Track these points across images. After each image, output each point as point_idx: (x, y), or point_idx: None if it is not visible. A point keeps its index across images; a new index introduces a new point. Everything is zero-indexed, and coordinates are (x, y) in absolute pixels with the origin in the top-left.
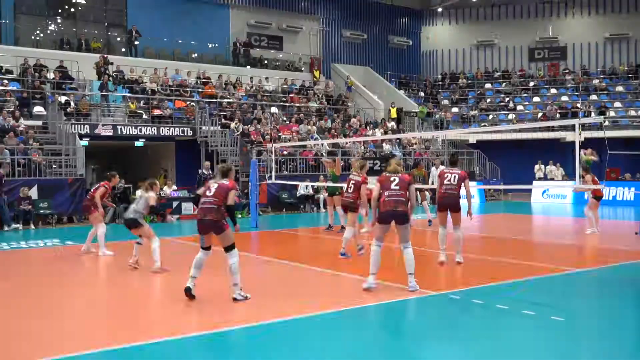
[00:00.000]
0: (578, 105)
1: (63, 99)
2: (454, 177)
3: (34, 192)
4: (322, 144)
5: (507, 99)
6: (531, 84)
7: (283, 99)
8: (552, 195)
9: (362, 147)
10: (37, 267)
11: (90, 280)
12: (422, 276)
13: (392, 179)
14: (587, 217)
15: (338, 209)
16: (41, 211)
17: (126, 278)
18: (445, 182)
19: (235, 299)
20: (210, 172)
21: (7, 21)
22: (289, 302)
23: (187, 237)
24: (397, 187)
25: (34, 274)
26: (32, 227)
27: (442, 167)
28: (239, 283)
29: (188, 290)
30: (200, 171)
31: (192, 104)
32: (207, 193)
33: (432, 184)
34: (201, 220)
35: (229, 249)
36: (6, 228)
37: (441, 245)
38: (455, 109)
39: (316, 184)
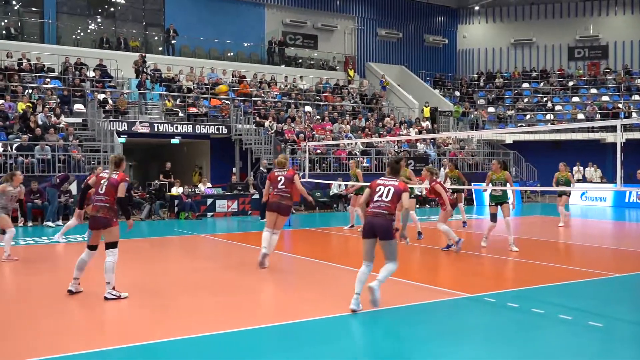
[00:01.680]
0: (619, 105)
1: (102, 96)
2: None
3: (73, 188)
4: (356, 143)
5: (545, 99)
6: (570, 83)
7: (317, 97)
8: (591, 197)
9: (396, 147)
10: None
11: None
12: (457, 278)
13: (279, 178)
14: None
15: (357, 209)
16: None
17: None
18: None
19: (106, 298)
20: (266, 171)
21: (50, 20)
22: (320, 300)
23: (222, 234)
24: (283, 186)
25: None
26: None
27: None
28: (112, 282)
29: (70, 292)
30: (260, 169)
31: (227, 102)
32: (99, 190)
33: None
34: (93, 216)
35: (110, 246)
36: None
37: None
38: (491, 109)
39: (349, 183)
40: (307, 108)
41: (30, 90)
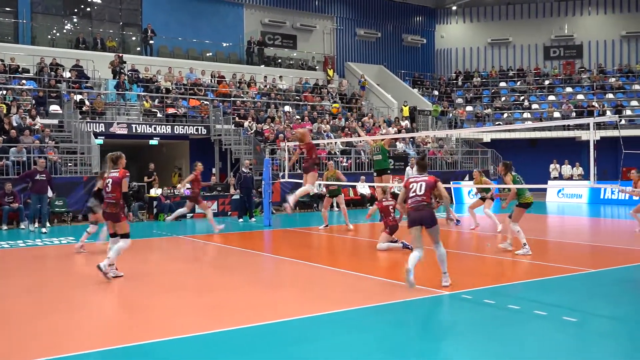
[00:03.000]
0: (594, 103)
1: (78, 97)
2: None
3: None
4: (335, 143)
5: (521, 98)
6: (546, 82)
7: (297, 97)
8: (567, 194)
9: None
10: (52, 264)
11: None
12: (434, 276)
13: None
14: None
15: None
16: (56, 209)
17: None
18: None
19: (99, 267)
20: (250, 171)
21: (24, 21)
22: (301, 300)
23: (201, 235)
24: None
25: (50, 270)
26: (48, 225)
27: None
28: (112, 260)
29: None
30: (240, 169)
31: (206, 102)
32: (106, 189)
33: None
34: (104, 211)
35: (123, 236)
36: (25, 227)
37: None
38: (469, 108)
39: (328, 182)
40: (287, 108)
41: (4, 92)
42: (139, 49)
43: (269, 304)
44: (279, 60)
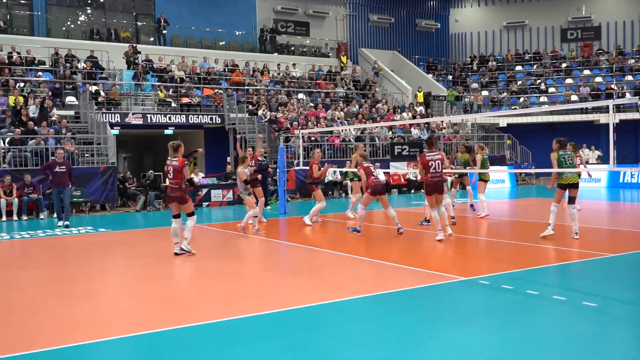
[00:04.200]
0: (612, 86)
1: (94, 88)
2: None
3: None
4: (349, 130)
5: (538, 81)
6: (563, 65)
7: (310, 85)
8: (585, 179)
9: (390, 132)
10: (72, 254)
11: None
12: (452, 262)
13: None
14: None
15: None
16: (74, 199)
17: (161, 264)
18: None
19: (176, 254)
20: (265, 159)
21: (39, 13)
22: (315, 287)
23: (217, 223)
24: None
25: (70, 261)
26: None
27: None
28: (188, 238)
29: (176, 254)
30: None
31: (220, 91)
32: (169, 176)
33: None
34: (170, 195)
35: (189, 215)
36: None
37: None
38: (484, 92)
39: (344, 169)
40: (301, 95)
41: (21, 84)
42: (152, 39)
43: (284, 292)
44: (292, 48)
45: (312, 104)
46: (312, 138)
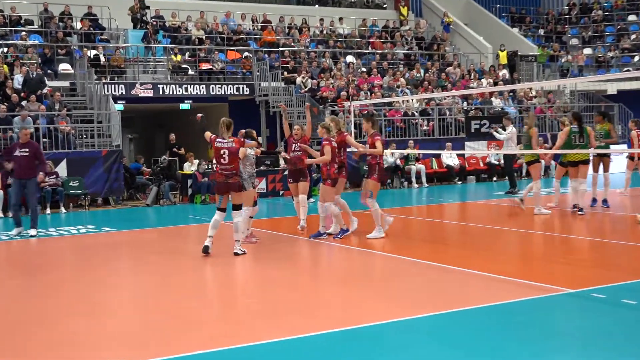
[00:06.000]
0: None
1: (92, 53)
2: None
3: (62, 169)
4: (412, 101)
5: None
6: None
7: (362, 44)
8: None
9: (465, 104)
10: (73, 257)
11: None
12: (553, 268)
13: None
14: None
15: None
16: (71, 191)
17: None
18: None
19: (236, 254)
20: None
21: None
22: (377, 301)
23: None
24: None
25: (73, 266)
26: (63, 210)
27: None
28: (240, 240)
29: (205, 249)
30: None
31: (248, 54)
32: (222, 161)
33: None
34: (223, 183)
35: (236, 207)
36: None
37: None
38: (587, 51)
39: (405, 151)
40: (350, 58)
41: (4, 49)
42: None
43: (340, 306)
44: None
45: (364, 69)
46: (365, 112)
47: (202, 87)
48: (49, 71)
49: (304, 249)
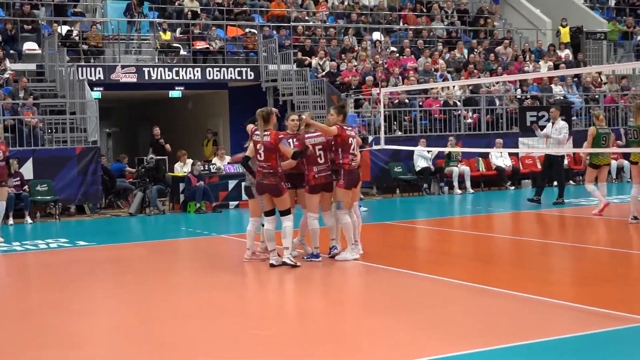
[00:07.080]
0: None
1: (64, 30)
2: None
3: (28, 170)
4: (454, 88)
5: None
6: None
7: (391, 19)
8: None
9: (519, 91)
10: (42, 277)
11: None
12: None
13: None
14: None
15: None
16: (38, 197)
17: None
18: None
19: (285, 263)
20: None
21: None
22: (418, 333)
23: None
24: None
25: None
26: (29, 220)
27: None
28: (290, 247)
29: (272, 265)
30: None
31: (252, 31)
32: (259, 157)
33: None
34: (259, 182)
35: (284, 213)
36: None
37: None
38: None
39: (446, 149)
40: (377, 35)
41: None
42: None
43: (381, 341)
44: None
45: (394, 49)
46: (396, 101)
47: (197, 71)
48: (11, 51)
49: (322, 270)
